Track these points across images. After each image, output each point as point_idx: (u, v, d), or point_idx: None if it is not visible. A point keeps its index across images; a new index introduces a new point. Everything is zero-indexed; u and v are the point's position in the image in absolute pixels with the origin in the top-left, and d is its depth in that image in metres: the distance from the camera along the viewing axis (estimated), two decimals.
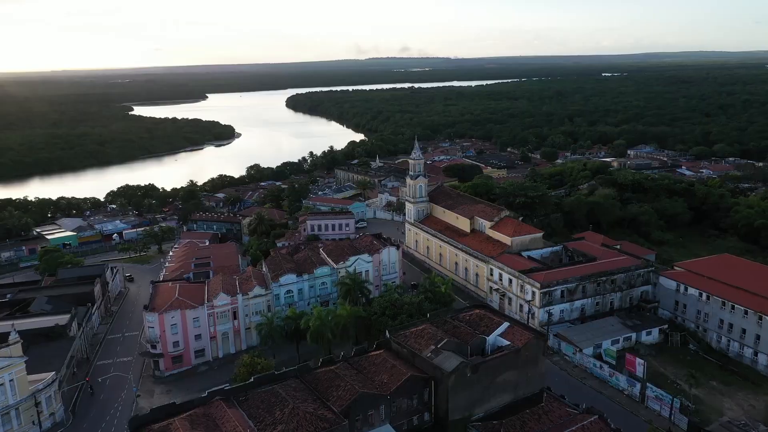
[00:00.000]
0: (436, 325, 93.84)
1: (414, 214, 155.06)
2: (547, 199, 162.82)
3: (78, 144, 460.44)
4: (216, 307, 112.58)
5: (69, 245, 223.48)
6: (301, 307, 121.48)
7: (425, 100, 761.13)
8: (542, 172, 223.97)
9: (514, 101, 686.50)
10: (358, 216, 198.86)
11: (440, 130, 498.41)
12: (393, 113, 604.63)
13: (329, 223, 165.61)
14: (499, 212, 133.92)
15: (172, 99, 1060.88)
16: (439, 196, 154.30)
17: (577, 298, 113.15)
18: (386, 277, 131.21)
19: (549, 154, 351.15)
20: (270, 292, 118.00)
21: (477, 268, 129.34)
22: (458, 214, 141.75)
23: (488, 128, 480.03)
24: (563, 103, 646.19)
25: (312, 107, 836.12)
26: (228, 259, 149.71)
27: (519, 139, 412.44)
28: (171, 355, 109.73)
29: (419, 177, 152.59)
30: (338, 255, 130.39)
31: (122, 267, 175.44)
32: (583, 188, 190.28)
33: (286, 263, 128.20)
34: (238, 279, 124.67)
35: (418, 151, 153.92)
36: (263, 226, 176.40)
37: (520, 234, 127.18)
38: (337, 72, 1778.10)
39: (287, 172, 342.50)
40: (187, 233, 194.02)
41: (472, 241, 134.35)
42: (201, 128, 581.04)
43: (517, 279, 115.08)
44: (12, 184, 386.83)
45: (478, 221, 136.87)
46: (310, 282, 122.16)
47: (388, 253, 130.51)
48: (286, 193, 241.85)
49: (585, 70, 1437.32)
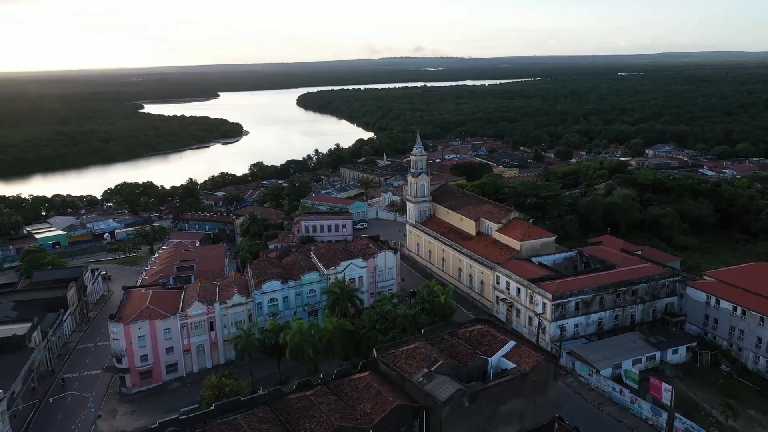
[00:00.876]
0: (432, 342, 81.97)
1: (415, 215, 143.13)
2: (561, 199, 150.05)
3: (82, 141, 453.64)
4: (190, 317, 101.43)
5: (58, 245, 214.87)
6: (287, 317, 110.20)
7: (437, 99, 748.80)
8: (555, 171, 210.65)
9: (528, 100, 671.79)
10: (358, 216, 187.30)
11: (451, 128, 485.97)
12: (403, 111, 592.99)
13: (325, 224, 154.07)
14: (508, 213, 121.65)
15: (183, 97, 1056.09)
16: (442, 195, 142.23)
17: (594, 310, 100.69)
18: (382, 284, 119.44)
19: (563, 153, 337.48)
20: (251, 301, 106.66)
21: (482, 275, 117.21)
22: (463, 216, 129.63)
23: (500, 126, 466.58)
24: (578, 101, 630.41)
25: (322, 105, 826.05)
26: (213, 263, 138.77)
27: (532, 138, 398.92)
28: (139, 371, 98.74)
29: (421, 175, 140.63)
30: (330, 259, 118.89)
31: (105, 268, 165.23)
32: (600, 188, 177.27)
33: (272, 268, 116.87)
34: (219, 285, 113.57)
35: (420, 147, 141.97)
36: (255, 226, 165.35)
37: (530, 238, 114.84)
38: (350, 71, 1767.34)
39: (291, 171, 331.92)
40: (177, 233, 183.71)
41: (478, 245, 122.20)
42: (208, 126, 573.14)
43: (526, 288, 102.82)
44: (13, 181, 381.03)
45: (484, 223, 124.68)
46: (296, 289, 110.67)
47: (385, 258, 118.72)
48: (285, 192, 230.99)
49: (600, 69, 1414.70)
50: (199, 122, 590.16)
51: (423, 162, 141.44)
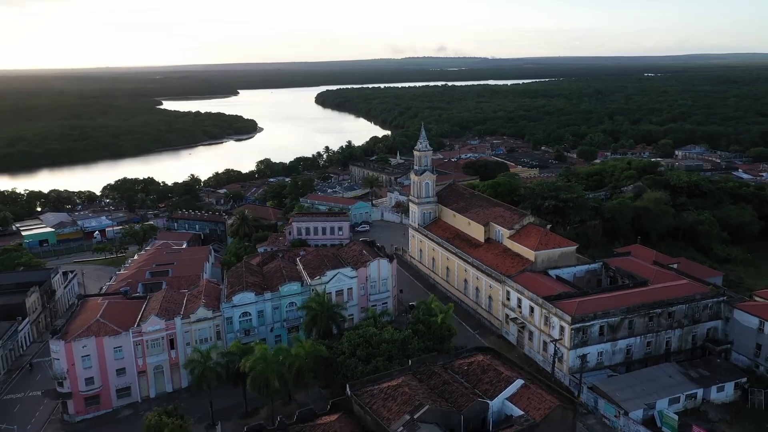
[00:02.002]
0: (421, 377, 66.71)
1: (418, 218, 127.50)
2: (584, 202, 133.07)
3: (92, 136, 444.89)
4: (145, 334, 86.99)
5: (46, 243, 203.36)
6: (263, 334, 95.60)
7: (457, 97, 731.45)
8: (578, 171, 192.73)
9: (551, 99, 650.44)
10: (360, 218, 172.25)
11: (470, 126, 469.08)
12: (422, 109, 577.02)
13: (319, 226, 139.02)
14: (521, 218, 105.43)
15: (203, 94, 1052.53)
16: (449, 196, 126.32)
17: (622, 336, 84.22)
18: (375, 297, 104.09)
19: (587, 153, 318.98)
20: (220, 315, 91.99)
21: (490, 288, 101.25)
22: (470, 219, 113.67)
23: (521, 126, 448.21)
24: (603, 101, 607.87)
25: (340, 103, 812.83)
26: (192, 267, 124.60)
27: (554, 137, 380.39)
28: (83, 396, 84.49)
29: (426, 173, 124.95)
30: (316, 267, 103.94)
31: (82, 270, 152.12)
32: (628, 190, 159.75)
33: (249, 276, 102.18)
34: (188, 295, 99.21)
35: (425, 141, 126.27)
36: (246, 227, 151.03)
37: (547, 246, 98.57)
38: (372, 71, 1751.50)
39: (300, 168, 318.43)
40: (165, 233, 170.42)
41: (486, 253, 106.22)
42: (222, 122, 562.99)
43: (540, 308, 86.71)
44: (19, 175, 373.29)
45: (494, 228, 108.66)
46: (273, 302, 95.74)
47: (378, 267, 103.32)
48: (287, 190, 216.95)
49: (626, 70, 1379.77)
50: (213, 118, 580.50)
51: (428, 158, 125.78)
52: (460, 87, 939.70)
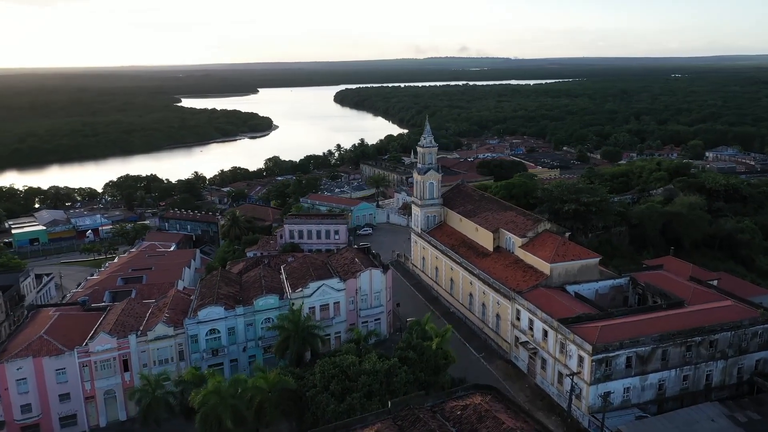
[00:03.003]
0: (402, 423, 53.66)
1: (421, 222, 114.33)
2: (608, 206, 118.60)
3: (103, 132, 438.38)
4: (93, 354, 75.13)
5: (37, 241, 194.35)
6: (234, 355, 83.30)
7: (478, 97, 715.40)
8: (602, 172, 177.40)
9: (574, 99, 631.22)
10: (364, 220, 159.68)
11: (489, 126, 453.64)
12: (440, 108, 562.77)
13: (313, 229, 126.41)
14: (535, 224, 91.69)
15: (222, 92, 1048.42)
16: (456, 198, 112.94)
17: (653, 369, 70.34)
18: (366, 312, 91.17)
19: (611, 153, 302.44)
20: (183, 332, 79.78)
21: (498, 306, 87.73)
22: (478, 225, 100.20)
23: (542, 125, 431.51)
24: (628, 101, 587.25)
25: (359, 102, 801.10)
26: (171, 273, 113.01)
27: (577, 137, 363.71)
28: (19, 425, 72.92)
29: (430, 171, 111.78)
30: (300, 277, 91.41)
31: (59, 273, 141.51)
32: (657, 194, 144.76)
33: (224, 287, 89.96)
34: (153, 308, 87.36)
35: (429, 136, 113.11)
36: (237, 229, 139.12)
37: (565, 258, 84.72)
38: (394, 70, 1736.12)
39: (310, 166, 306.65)
40: (154, 234, 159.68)
41: (495, 264, 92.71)
42: (237, 119, 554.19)
43: (555, 332, 73.13)
44: (28, 171, 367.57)
45: (504, 236, 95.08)
46: (247, 318, 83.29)
47: (370, 278, 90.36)
48: (290, 189, 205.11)
49: (651, 71, 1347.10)
50: (228, 116, 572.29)
51: (432, 155, 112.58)
52: (481, 86, 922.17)
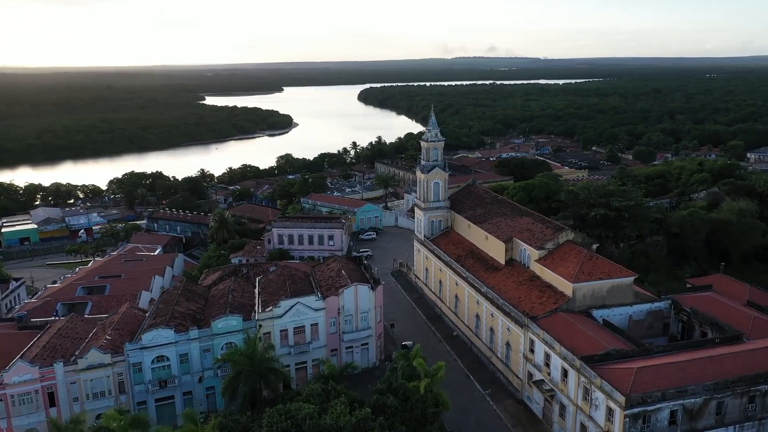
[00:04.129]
0: None
1: (425, 227, 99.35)
2: (644, 212, 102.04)
3: (119, 129, 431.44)
4: (10, 386, 61.94)
5: (28, 240, 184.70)
6: (188, 387, 69.59)
7: (504, 95, 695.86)
8: (635, 173, 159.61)
9: (604, 98, 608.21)
10: (368, 224, 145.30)
11: (515, 124, 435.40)
12: (465, 106, 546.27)
13: (305, 234, 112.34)
14: (556, 233, 76.05)
15: (248, 90, 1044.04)
16: (465, 200, 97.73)
17: (706, 426, 54.45)
18: (351, 336, 76.54)
19: (644, 154, 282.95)
20: (125, 359, 66.21)
21: (508, 333, 72.43)
22: (488, 233, 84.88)
23: (571, 124, 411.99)
24: (662, 100, 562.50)
25: (382, 100, 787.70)
26: (140, 282, 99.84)
27: (607, 137, 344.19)
28: None
29: (435, 169, 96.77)
30: (274, 292, 77.33)
31: (31, 277, 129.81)
32: (699, 198, 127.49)
33: (184, 302, 76.40)
34: (98, 327, 74.13)
35: (435, 128, 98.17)
36: (224, 231, 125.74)
37: (591, 276, 69.02)
38: (421, 70, 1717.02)
39: (324, 165, 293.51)
40: (140, 235, 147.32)
41: (506, 281, 77.39)
42: (256, 117, 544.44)
43: (577, 373, 57.69)
44: (41, 167, 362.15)
45: (518, 246, 79.65)
46: (203, 342, 69.36)
47: (355, 295, 75.70)
48: (296, 188, 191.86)
49: (686, 71, 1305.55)
50: (248, 113, 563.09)
51: (438, 151, 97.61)
52: (508, 85, 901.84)
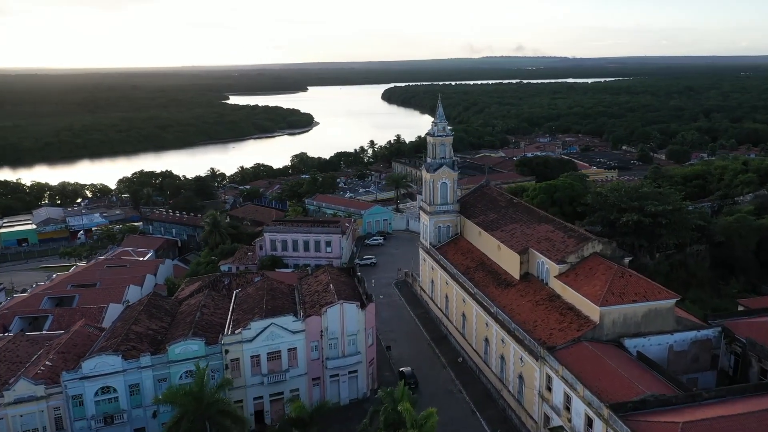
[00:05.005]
0: None
1: (431, 234, 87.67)
2: (684, 218, 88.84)
3: (137, 127, 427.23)
4: None
5: (26, 242, 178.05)
6: (139, 423, 59.17)
7: (531, 94, 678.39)
8: (671, 173, 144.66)
9: (635, 96, 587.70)
10: (376, 227, 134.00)
11: (541, 123, 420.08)
12: (489, 104, 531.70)
13: (300, 240, 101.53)
14: (581, 244, 63.78)
15: (272, 90, 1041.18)
16: (476, 204, 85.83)
17: None
18: (336, 363, 65.29)
19: (678, 153, 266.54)
20: (62, 391, 55.96)
21: (521, 364, 60.45)
22: (501, 242, 72.89)
23: (600, 123, 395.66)
24: (696, 98, 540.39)
25: (406, 99, 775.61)
26: (113, 293, 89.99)
27: (638, 135, 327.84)
28: None
29: (442, 168, 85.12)
30: (250, 309, 66.61)
31: (11, 284, 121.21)
32: (745, 201, 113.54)
33: (145, 321, 66.09)
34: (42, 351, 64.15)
35: (443, 122, 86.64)
36: (217, 235, 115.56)
37: (623, 298, 56.62)
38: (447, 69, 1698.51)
39: (340, 164, 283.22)
40: (133, 238, 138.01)
41: (520, 300, 65.41)
42: (276, 116, 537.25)
43: (605, 425, 45.60)
44: (58, 165, 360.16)
45: (535, 259, 67.55)
46: (158, 371, 58.81)
47: (341, 315, 64.44)
48: (304, 188, 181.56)
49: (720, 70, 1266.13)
50: (268, 112, 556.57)
51: (446, 147, 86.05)
52: (535, 84, 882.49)
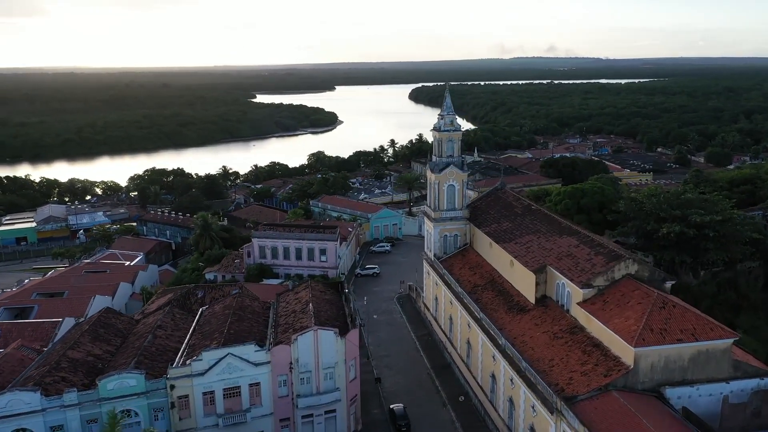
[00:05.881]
0: None
1: (435, 244, 75.83)
2: (735, 231, 75.50)
3: (159, 124, 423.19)
4: None
5: (25, 240, 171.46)
6: None
7: (561, 94, 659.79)
8: (716, 178, 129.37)
9: (671, 96, 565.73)
10: (384, 232, 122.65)
11: (571, 123, 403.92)
12: (518, 104, 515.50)
13: (291, 247, 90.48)
14: (612, 263, 51.35)
15: (300, 89, 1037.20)
16: (489, 210, 73.74)
17: None
18: (308, 400, 53.94)
19: (718, 156, 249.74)
20: None
21: (533, 414, 48.37)
22: (514, 257, 60.75)
23: (633, 123, 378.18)
24: (735, 100, 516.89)
25: (433, 99, 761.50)
26: (77, 304, 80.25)
27: (674, 137, 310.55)
28: None
29: (449, 168, 73.35)
30: (209, 334, 55.83)
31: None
32: None
33: (86, 344, 55.86)
34: None
35: (450, 114, 74.97)
36: (207, 239, 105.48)
37: (665, 337, 44.08)
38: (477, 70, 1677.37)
39: (359, 163, 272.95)
40: (124, 240, 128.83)
41: (535, 330, 53.27)
42: (300, 114, 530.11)
43: None
44: (77, 162, 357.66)
45: (555, 279, 55.27)
46: (86, 410, 48.27)
47: (315, 345, 53.11)
48: (314, 189, 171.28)
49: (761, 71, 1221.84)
50: (291, 110, 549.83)
51: (454, 144, 74.40)
52: (566, 84, 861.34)
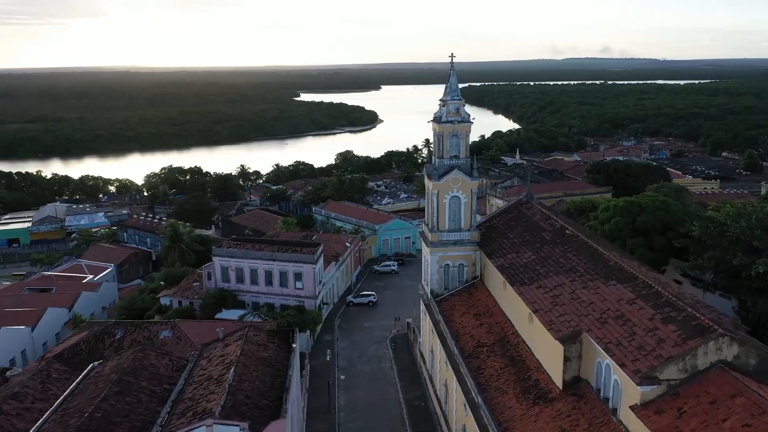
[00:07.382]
0: None
1: (433, 276, 55.72)
2: None
3: (190, 121, 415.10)
4: None
5: (17, 242, 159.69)
6: None
7: (615, 94, 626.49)
8: None
9: (736, 97, 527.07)
10: (394, 248, 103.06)
11: (625, 125, 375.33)
12: (567, 104, 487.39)
13: (260, 269, 71.33)
14: (693, 343, 30.70)
15: (345, 88, 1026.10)
16: (506, 232, 53.21)
17: None
18: None
19: None
20: None
21: None
22: (534, 311, 40.30)
23: (694, 125, 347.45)
24: None
25: (479, 98, 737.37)
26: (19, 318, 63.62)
27: (742, 140, 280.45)
28: None
29: (452, 173, 53.03)
30: (61, 423, 37.34)
31: None
32: None
33: None
34: None
35: (456, 99, 54.28)
36: (177, 251, 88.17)
37: None
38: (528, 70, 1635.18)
39: (390, 164, 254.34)
40: (99, 247, 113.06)
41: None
42: (338, 113, 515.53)
43: None
44: (107, 158, 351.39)
45: (595, 355, 34.63)
46: None
47: None
48: (328, 192, 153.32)
49: None
50: (330, 108, 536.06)
51: (460, 141, 53.86)
52: (620, 85, 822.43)
